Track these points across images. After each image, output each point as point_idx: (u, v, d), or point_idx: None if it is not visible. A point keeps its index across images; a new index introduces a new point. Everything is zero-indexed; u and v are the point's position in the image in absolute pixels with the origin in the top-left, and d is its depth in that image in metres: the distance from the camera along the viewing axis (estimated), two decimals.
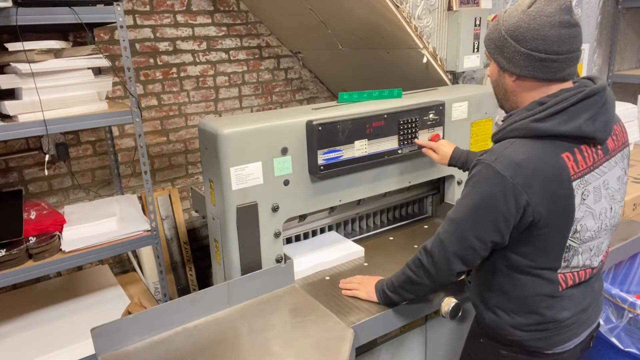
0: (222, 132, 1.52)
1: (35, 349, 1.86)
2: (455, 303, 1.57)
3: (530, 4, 1.17)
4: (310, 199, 1.75)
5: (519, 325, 1.30)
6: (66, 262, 1.85)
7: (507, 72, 1.23)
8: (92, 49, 1.88)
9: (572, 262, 1.26)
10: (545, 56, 1.16)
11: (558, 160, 1.16)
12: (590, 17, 3.28)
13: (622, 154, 1.31)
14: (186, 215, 2.93)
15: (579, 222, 1.21)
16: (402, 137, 1.83)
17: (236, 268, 1.65)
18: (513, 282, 1.29)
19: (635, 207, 2.34)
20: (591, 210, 1.23)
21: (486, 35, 1.28)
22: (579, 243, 1.24)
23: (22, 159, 2.40)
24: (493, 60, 1.27)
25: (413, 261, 1.40)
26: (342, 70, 3.02)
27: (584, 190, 1.20)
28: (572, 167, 1.17)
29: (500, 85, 1.28)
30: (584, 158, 1.19)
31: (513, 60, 1.20)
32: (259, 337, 1.41)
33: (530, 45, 1.16)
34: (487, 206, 1.18)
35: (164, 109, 2.79)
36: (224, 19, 2.85)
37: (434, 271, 1.33)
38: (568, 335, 1.32)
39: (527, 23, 1.15)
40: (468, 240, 1.24)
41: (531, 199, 1.15)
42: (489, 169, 1.18)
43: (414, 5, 2.17)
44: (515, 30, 1.17)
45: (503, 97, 1.30)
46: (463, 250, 1.26)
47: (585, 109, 1.17)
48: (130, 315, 1.40)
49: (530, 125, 1.17)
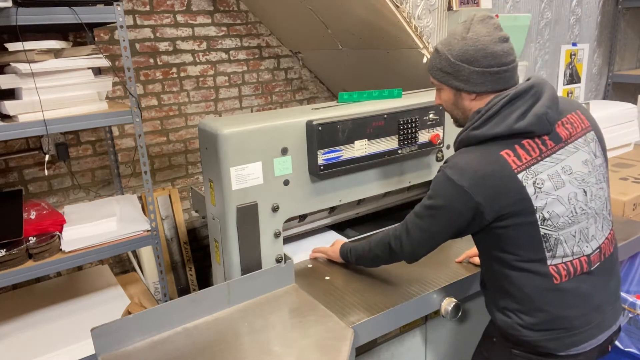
0: (222, 132, 1.52)
1: (35, 349, 1.86)
2: (455, 303, 1.58)
3: (467, 30, 1.30)
4: (310, 199, 1.75)
5: (529, 325, 1.31)
6: (66, 262, 1.85)
7: (465, 92, 1.34)
8: (92, 49, 1.88)
9: (557, 252, 1.28)
10: (498, 69, 1.29)
11: (498, 159, 1.26)
12: (590, 17, 3.28)
13: (585, 138, 1.36)
14: (186, 215, 2.93)
15: (543, 210, 1.26)
16: (402, 137, 1.83)
17: (236, 268, 1.65)
18: (510, 280, 1.32)
19: (635, 207, 2.34)
20: (554, 197, 1.27)
21: (432, 67, 1.39)
22: (555, 230, 1.27)
23: (22, 159, 2.40)
24: (446, 87, 1.38)
25: (382, 241, 1.53)
26: (342, 70, 3.02)
27: (535, 180, 1.26)
28: (514, 162, 1.26)
29: (460, 107, 1.39)
30: (527, 151, 1.27)
31: (470, 81, 1.31)
32: (259, 337, 1.41)
33: (482, 63, 1.28)
34: (443, 207, 1.31)
35: (164, 109, 2.79)
36: (224, 19, 2.85)
37: (399, 253, 1.47)
38: (581, 337, 1.31)
39: (473, 46, 1.28)
40: (430, 233, 1.38)
41: (480, 199, 1.25)
42: (442, 174, 1.31)
43: (414, 5, 2.17)
44: (465, 54, 1.29)
45: (463, 116, 1.41)
46: (426, 241, 1.41)
47: (514, 109, 1.27)
48: (130, 315, 1.40)
49: (470, 134, 1.32)
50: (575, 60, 3.20)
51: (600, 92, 3.71)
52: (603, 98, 3.71)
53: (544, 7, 2.89)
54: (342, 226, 2.15)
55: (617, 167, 2.75)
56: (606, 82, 3.70)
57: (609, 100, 3.48)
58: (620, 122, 2.91)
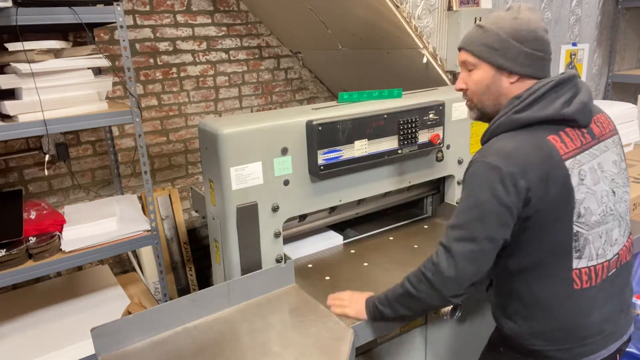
0: (222, 132, 1.52)
1: (35, 349, 1.86)
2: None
3: (517, 13, 1.27)
4: (310, 199, 1.75)
5: (538, 334, 1.26)
6: (66, 262, 1.85)
7: (507, 72, 1.27)
8: (92, 49, 1.88)
9: (584, 253, 1.23)
10: (542, 55, 1.26)
11: (546, 143, 1.20)
12: (590, 17, 3.28)
13: (612, 140, 1.33)
14: (186, 215, 2.93)
15: (581, 204, 1.21)
16: (402, 137, 1.82)
17: (236, 268, 1.65)
18: (527, 284, 1.26)
19: (636, 207, 2.34)
20: (592, 192, 1.23)
21: (472, 42, 1.30)
22: (587, 229, 1.22)
23: (22, 159, 2.40)
24: (486, 64, 1.28)
25: (414, 274, 1.31)
26: (342, 70, 3.02)
27: (579, 169, 1.22)
28: (561, 148, 1.21)
29: (494, 89, 1.30)
30: (571, 139, 1.23)
31: (517, 60, 1.25)
32: (259, 337, 1.41)
33: (532, 45, 1.24)
34: (490, 202, 1.17)
35: (164, 109, 2.79)
36: (224, 19, 2.85)
37: (439, 283, 1.24)
38: (592, 348, 1.26)
39: (526, 26, 1.24)
40: (478, 242, 1.19)
41: (531, 185, 1.16)
42: (482, 165, 1.20)
43: (414, 5, 2.17)
44: (517, 32, 1.24)
45: (493, 102, 1.31)
46: (474, 254, 1.20)
47: (559, 95, 1.24)
48: (130, 315, 1.40)
49: (512, 117, 1.24)
50: (575, 60, 3.20)
51: (600, 92, 3.71)
52: (603, 98, 3.71)
53: (544, 7, 2.89)
54: (342, 226, 2.15)
55: None
56: (606, 82, 3.70)
57: (609, 100, 3.48)
58: (620, 122, 2.91)
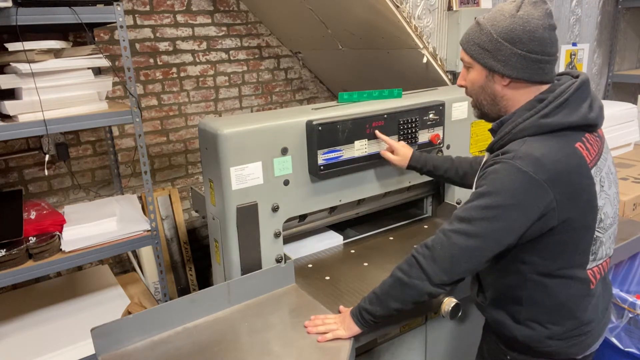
0: (222, 132, 1.52)
1: (35, 349, 1.86)
2: (455, 303, 1.57)
3: (518, 8, 1.18)
4: (310, 199, 1.75)
5: (555, 335, 1.25)
6: (66, 262, 1.85)
7: (499, 75, 1.21)
8: (92, 49, 1.88)
9: (598, 254, 1.24)
10: (540, 57, 1.17)
11: (575, 151, 1.15)
12: (590, 17, 3.28)
13: (606, 145, 1.32)
14: (186, 215, 2.93)
15: (601, 210, 1.20)
16: (402, 137, 1.82)
17: (236, 268, 1.65)
18: (545, 289, 1.22)
19: (635, 207, 2.34)
20: (608, 196, 1.22)
21: (468, 40, 1.24)
22: (603, 232, 1.23)
23: (22, 159, 2.40)
24: (479, 65, 1.23)
25: (404, 261, 1.27)
26: (342, 70, 3.02)
27: (600, 177, 1.19)
28: (587, 156, 1.16)
29: (488, 91, 1.25)
30: (592, 145, 1.19)
31: (509, 63, 1.18)
32: (259, 337, 1.41)
33: (527, 47, 1.16)
34: (508, 207, 1.12)
35: (164, 109, 2.79)
36: (224, 19, 2.85)
37: (430, 270, 1.20)
38: (594, 337, 1.29)
39: (521, 26, 1.15)
40: (481, 240, 1.15)
41: (558, 196, 1.11)
42: (509, 167, 1.13)
43: (414, 5, 2.17)
44: (510, 33, 1.16)
45: (490, 103, 1.27)
46: (472, 252, 1.16)
47: (583, 98, 1.19)
48: (130, 315, 1.40)
49: (540, 122, 1.16)
50: (575, 60, 3.20)
51: (600, 92, 3.72)
52: (603, 98, 3.71)
53: None
54: (342, 226, 2.15)
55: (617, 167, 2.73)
56: (606, 82, 3.70)
57: (609, 100, 3.48)
58: (620, 122, 2.91)
